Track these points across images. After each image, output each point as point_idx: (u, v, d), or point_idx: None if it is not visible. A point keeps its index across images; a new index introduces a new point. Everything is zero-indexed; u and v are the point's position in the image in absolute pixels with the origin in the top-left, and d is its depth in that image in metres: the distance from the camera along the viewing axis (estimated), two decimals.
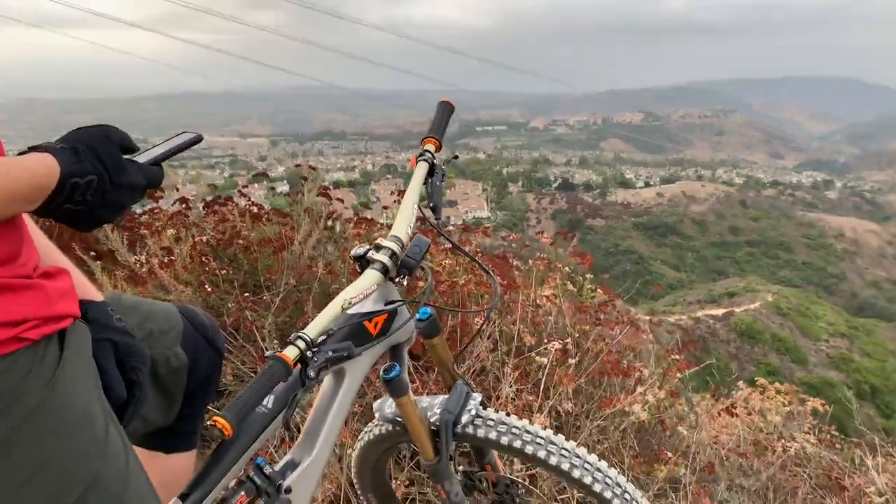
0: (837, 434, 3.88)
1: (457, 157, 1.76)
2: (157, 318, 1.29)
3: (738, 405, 3.68)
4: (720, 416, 3.43)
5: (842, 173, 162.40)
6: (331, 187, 3.67)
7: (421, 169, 1.56)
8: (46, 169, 0.85)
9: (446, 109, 1.69)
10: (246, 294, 2.79)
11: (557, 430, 1.63)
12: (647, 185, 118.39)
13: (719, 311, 39.27)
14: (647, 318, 3.75)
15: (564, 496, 2.37)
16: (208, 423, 1.03)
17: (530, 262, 3.10)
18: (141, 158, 1.03)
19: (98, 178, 0.90)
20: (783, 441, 3.52)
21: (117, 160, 0.94)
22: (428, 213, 1.58)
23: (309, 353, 1.16)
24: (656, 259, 77.95)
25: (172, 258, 2.80)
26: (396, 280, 1.43)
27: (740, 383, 4.11)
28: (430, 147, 1.59)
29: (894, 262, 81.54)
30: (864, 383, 29.83)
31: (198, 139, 1.13)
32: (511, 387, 2.36)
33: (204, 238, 3.06)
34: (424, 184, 1.57)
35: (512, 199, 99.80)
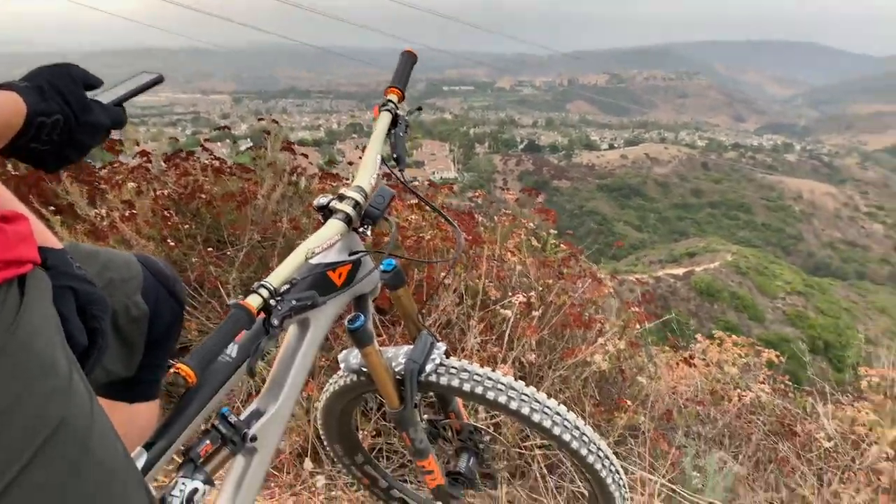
0: (791, 384, 4.01)
1: (420, 108, 1.75)
2: (117, 267, 1.27)
3: (697, 357, 3.79)
4: (678, 366, 3.53)
5: (801, 136, 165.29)
6: (295, 143, 3.62)
7: (384, 119, 1.54)
8: (13, 108, 0.83)
9: (409, 59, 1.67)
10: (209, 249, 2.77)
11: (521, 380, 1.67)
12: (611, 147, 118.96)
13: (680, 271, 40.05)
14: (610, 276, 3.82)
15: (527, 443, 2.44)
16: (172, 370, 1.03)
17: (495, 218, 3.12)
18: (103, 98, 1.01)
19: (63, 117, 0.89)
20: (739, 391, 3.65)
21: (81, 99, 0.93)
22: (391, 163, 1.57)
23: (272, 302, 1.16)
24: (620, 220, 78.86)
25: (134, 212, 2.75)
26: (360, 230, 1.43)
27: (698, 336, 4.22)
28: (393, 97, 1.58)
29: (849, 224, 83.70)
30: (819, 339, 30.77)
31: (159, 79, 1.12)
32: (476, 338, 2.40)
33: (166, 192, 3.01)
34: (388, 135, 1.56)
35: (479, 161, 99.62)
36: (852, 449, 3.18)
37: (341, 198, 1.39)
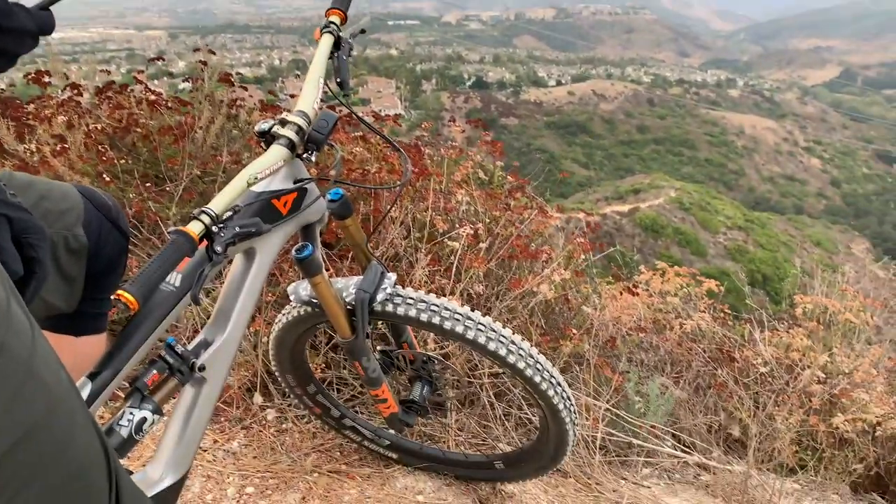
0: (729, 313, 4.16)
1: (364, 31, 1.69)
2: (54, 198, 1.22)
3: (640, 287, 3.88)
4: (622, 296, 3.61)
5: (744, 72, 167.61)
6: (233, 74, 3.49)
7: (326, 42, 1.49)
8: None
9: None
10: (148, 185, 2.68)
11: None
12: (558, 83, 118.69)
13: (625, 208, 40.80)
14: (556, 209, 3.85)
15: (477, 372, 2.49)
16: (112, 297, 1.00)
17: (442, 150, 3.09)
18: (27, 2, 0.94)
19: None
20: (680, 319, 3.77)
21: (2, 3, 0.86)
22: (335, 87, 1.53)
23: (214, 229, 1.14)
24: (567, 157, 79.40)
25: (66, 146, 2.62)
26: (304, 156, 1.40)
27: (642, 268, 4.32)
28: (335, 19, 1.52)
29: (788, 159, 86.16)
30: (758, 273, 31.93)
31: None
32: (424, 269, 2.40)
33: (99, 126, 2.88)
34: (330, 58, 1.51)
35: (426, 98, 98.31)
36: (786, 373, 3.34)
37: (283, 123, 1.35)
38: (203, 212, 1.12)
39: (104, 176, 2.63)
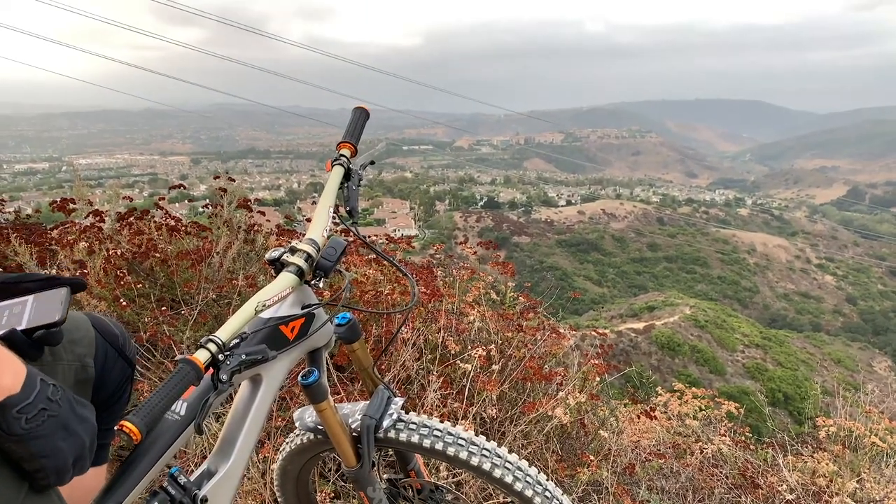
0: (751, 435, 4.02)
1: (373, 162, 1.76)
2: (67, 328, 1.23)
3: (658, 410, 3.78)
4: (640, 419, 3.52)
5: (752, 191, 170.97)
6: (253, 202, 3.60)
7: (336, 173, 1.55)
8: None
9: (362, 115, 1.69)
10: (163, 308, 2.70)
11: (483, 435, 1.64)
12: (568, 203, 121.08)
13: (640, 325, 40.39)
14: (569, 328, 3.83)
15: (491, 502, 2.38)
16: (116, 427, 0.99)
17: (454, 271, 3.12)
18: None
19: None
20: (701, 443, 3.64)
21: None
22: (346, 218, 1.57)
23: (221, 357, 1.13)
24: (579, 275, 79.68)
25: (85, 272, 2.67)
26: (313, 283, 1.42)
27: (659, 389, 4.23)
28: (346, 152, 1.59)
29: (802, 276, 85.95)
30: (778, 391, 31.12)
31: None
32: (436, 393, 2.36)
33: (119, 251, 2.94)
34: (341, 188, 1.56)
35: (439, 218, 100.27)
36: (814, 500, 3.19)
37: (293, 251, 1.38)
38: (210, 340, 1.12)
39: (121, 300, 2.66)
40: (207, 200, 3.82)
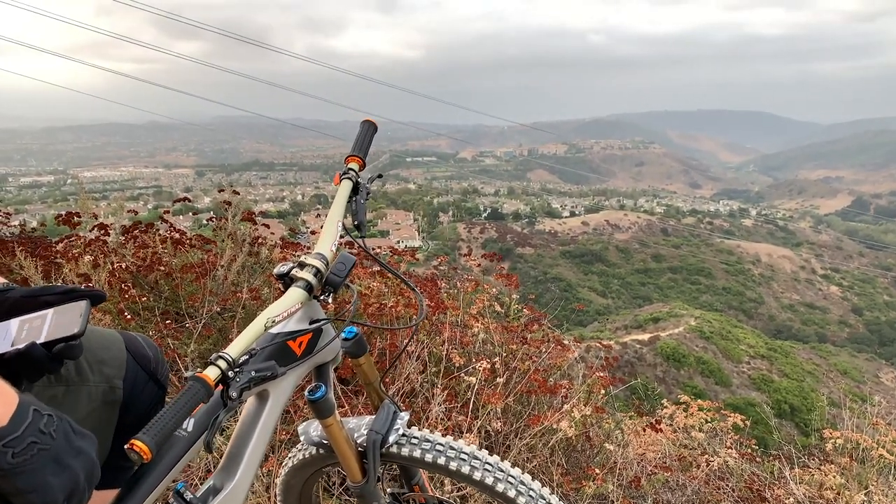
0: (758, 448, 4.00)
1: (381, 176, 1.76)
2: (94, 347, 1.21)
3: (663, 422, 3.76)
4: (645, 431, 3.50)
5: (756, 202, 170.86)
6: (258, 215, 3.61)
7: (345, 187, 1.55)
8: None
9: (370, 128, 1.69)
10: (168, 322, 2.71)
11: (487, 449, 1.64)
12: (572, 214, 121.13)
13: (645, 336, 40.27)
14: (573, 340, 3.82)
15: None
16: (126, 447, 0.99)
17: (458, 284, 3.12)
18: None
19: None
20: (707, 456, 3.62)
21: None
22: (352, 230, 1.57)
23: (230, 374, 1.13)
24: (583, 286, 79.52)
25: (90, 285, 2.68)
26: (321, 298, 1.41)
27: (664, 401, 4.21)
28: (354, 165, 1.59)
29: (807, 286, 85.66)
30: (784, 403, 30.97)
31: None
32: (440, 406, 2.36)
33: (123, 264, 2.95)
34: (349, 202, 1.57)
35: (443, 229, 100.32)
36: None
37: (302, 266, 1.38)
38: (220, 357, 1.12)
39: (126, 313, 2.67)
40: (212, 213, 3.84)
